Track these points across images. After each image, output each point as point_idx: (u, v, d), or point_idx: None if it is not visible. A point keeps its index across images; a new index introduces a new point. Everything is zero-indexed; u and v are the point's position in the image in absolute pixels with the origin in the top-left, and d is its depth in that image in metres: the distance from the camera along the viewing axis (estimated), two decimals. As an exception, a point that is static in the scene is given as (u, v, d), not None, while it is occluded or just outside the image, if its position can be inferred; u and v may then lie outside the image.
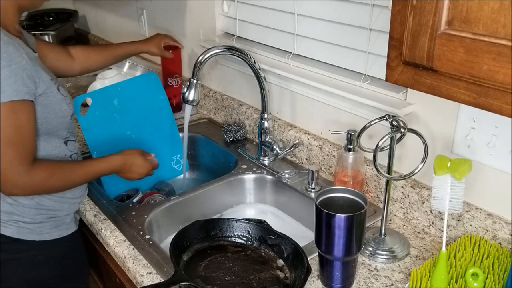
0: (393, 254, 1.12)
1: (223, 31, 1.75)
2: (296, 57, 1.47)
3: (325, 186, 1.36)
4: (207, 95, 1.88)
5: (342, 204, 1.02)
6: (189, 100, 1.38)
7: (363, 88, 1.28)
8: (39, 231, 1.26)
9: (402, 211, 1.25)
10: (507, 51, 0.64)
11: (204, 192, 1.42)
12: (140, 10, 2.18)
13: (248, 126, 1.69)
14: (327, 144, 1.42)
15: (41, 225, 1.26)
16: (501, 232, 1.06)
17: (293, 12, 1.42)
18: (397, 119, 1.06)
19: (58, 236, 1.29)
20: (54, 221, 1.28)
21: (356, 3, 1.24)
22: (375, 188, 1.31)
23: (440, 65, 0.73)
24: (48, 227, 1.27)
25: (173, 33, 1.99)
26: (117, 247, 1.19)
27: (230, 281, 1.06)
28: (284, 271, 1.10)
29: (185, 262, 1.10)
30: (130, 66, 1.98)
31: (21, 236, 1.23)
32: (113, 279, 1.35)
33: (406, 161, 1.24)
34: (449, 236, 1.15)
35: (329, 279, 1.03)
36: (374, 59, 1.25)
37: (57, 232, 1.29)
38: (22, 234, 1.23)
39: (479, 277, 0.91)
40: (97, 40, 2.67)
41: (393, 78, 0.81)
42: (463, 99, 0.73)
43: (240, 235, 1.19)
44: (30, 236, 1.24)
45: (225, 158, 1.63)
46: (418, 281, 0.94)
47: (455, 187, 0.94)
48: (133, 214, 1.31)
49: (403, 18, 0.75)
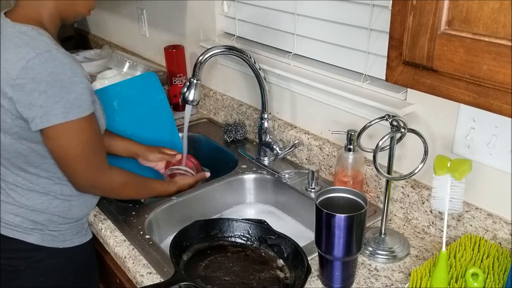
0: (393, 254, 1.12)
1: (223, 31, 1.75)
2: (296, 57, 1.47)
3: (325, 186, 1.36)
4: (207, 95, 1.88)
5: (342, 204, 1.02)
6: (189, 100, 1.38)
7: (363, 88, 1.28)
8: (62, 238, 1.25)
9: (402, 211, 1.25)
10: (507, 51, 0.64)
11: (204, 192, 1.42)
12: (140, 10, 2.18)
13: (248, 126, 1.69)
14: (327, 144, 1.42)
15: (64, 232, 1.26)
16: (501, 232, 1.06)
17: (293, 12, 1.42)
18: (397, 119, 1.06)
19: (79, 242, 1.29)
20: (76, 228, 1.28)
21: (356, 3, 1.24)
22: (375, 188, 1.31)
23: (440, 65, 0.73)
24: (70, 234, 1.27)
25: (173, 33, 1.99)
26: (117, 247, 1.19)
27: (230, 281, 1.06)
28: (284, 271, 1.10)
29: (185, 262, 1.10)
30: (130, 66, 1.98)
31: (44, 244, 1.23)
32: (113, 279, 1.35)
33: (406, 161, 1.24)
34: (449, 236, 1.15)
35: (329, 279, 1.03)
36: (374, 59, 1.25)
37: (78, 238, 1.29)
38: (45, 241, 1.23)
39: (479, 277, 0.91)
40: (97, 40, 2.67)
41: (393, 78, 0.81)
42: (463, 99, 0.73)
43: (240, 235, 1.19)
44: (52, 243, 1.24)
45: (225, 158, 1.63)
46: (418, 281, 0.94)
47: (455, 187, 0.94)
48: (133, 214, 1.31)
49: (403, 18, 0.75)
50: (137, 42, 2.32)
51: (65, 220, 1.25)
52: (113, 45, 2.50)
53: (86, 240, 1.31)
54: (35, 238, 1.22)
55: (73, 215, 1.26)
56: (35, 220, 1.22)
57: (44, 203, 1.21)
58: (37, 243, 1.22)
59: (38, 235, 1.22)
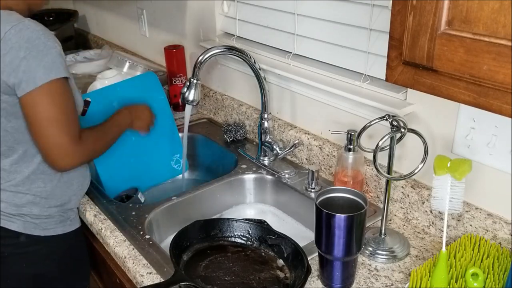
0: (393, 254, 1.12)
1: (223, 31, 1.75)
2: (296, 57, 1.47)
3: (325, 186, 1.36)
4: (207, 95, 1.88)
5: (342, 204, 1.02)
6: (189, 100, 1.38)
7: (363, 88, 1.28)
8: (44, 226, 1.28)
9: (402, 211, 1.25)
10: (507, 51, 0.64)
11: (204, 192, 1.42)
12: (140, 10, 2.18)
13: (248, 126, 1.69)
14: (327, 144, 1.42)
15: (47, 220, 1.28)
16: (501, 232, 1.06)
17: (293, 12, 1.42)
18: (397, 119, 1.06)
19: (62, 232, 1.31)
20: (60, 216, 1.30)
21: (356, 3, 1.24)
22: (375, 188, 1.31)
23: (440, 65, 0.73)
24: (53, 222, 1.29)
25: (173, 33, 1.99)
26: (117, 247, 1.19)
27: (230, 281, 1.06)
28: (284, 271, 1.10)
29: (185, 262, 1.10)
30: (130, 66, 1.98)
31: (26, 231, 1.26)
32: (113, 279, 1.35)
33: (406, 161, 1.24)
34: (449, 236, 1.15)
35: (329, 279, 1.03)
36: (374, 59, 1.25)
37: (61, 228, 1.31)
38: (27, 229, 1.26)
39: (479, 277, 0.91)
40: (97, 40, 2.67)
41: (393, 78, 0.81)
42: (463, 99, 0.73)
43: (240, 235, 1.19)
44: (34, 231, 1.27)
45: (225, 158, 1.63)
46: (418, 281, 0.94)
47: (455, 187, 0.94)
48: (133, 214, 1.31)
49: (403, 18, 0.75)
50: (137, 42, 2.32)
51: (48, 202, 1.27)
52: (113, 45, 2.50)
53: (70, 229, 1.33)
54: (17, 225, 1.25)
55: (55, 196, 1.27)
56: (19, 204, 1.24)
57: (25, 184, 1.24)
58: (19, 230, 1.25)
59: (20, 222, 1.25)
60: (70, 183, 1.31)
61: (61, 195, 1.29)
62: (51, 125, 1.15)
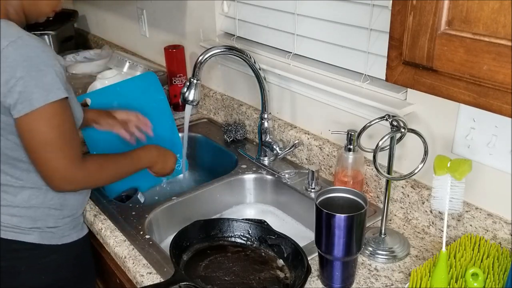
0: (393, 254, 1.12)
1: (223, 31, 1.75)
2: (296, 57, 1.47)
3: (325, 186, 1.36)
4: (207, 95, 1.88)
5: (342, 204, 1.02)
6: (189, 100, 1.38)
7: (363, 88, 1.28)
8: (61, 234, 1.26)
9: (402, 211, 1.25)
10: (507, 51, 0.64)
11: (204, 192, 1.42)
12: (140, 10, 2.18)
13: (248, 126, 1.69)
14: (327, 144, 1.42)
15: (63, 228, 1.26)
16: (501, 232, 1.06)
17: (293, 12, 1.42)
18: (397, 119, 1.06)
19: (77, 237, 1.29)
20: (72, 222, 1.29)
21: (356, 3, 1.24)
22: (375, 188, 1.31)
23: (440, 65, 0.73)
24: (68, 229, 1.27)
25: (173, 33, 1.99)
26: (117, 247, 1.19)
27: (230, 281, 1.06)
28: (284, 271, 1.10)
29: (185, 262, 1.10)
30: (130, 66, 1.98)
31: (43, 242, 1.23)
32: (113, 279, 1.35)
33: (406, 161, 1.24)
34: (449, 236, 1.15)
35: (329, 279, 1.03)
36: (374, 59, 1.25)
37: (75, 233, 1.29)
38: (45, 239, 1.23)
39: (479, 277, 0.91)
40: (97, 40, 2.67)
41: (393, 78, 0.81)
42: (463, 99, 0.73)
43: (240, 235, 1.19)
44: (51, 240, 1.24)
45: (225, 158, 1.63)
46: (418, 281, 0.94)
47: (455, 187, 0.94)
48: (133, 214, 1.31)
49: (403, 18, 0.75)
50: (137, 42, 2.32)
51: (62, 213, 1.25)
52: (113, 45, 2.50)
53: (83, 234, 1.32)
54: (34, 237, 1.22)
55: (69, 206, 1.26)
56: (33, 217, 1.21)
57: (39, 198, 1.21)
58: (36, 242, 1.22)
59: (37, 234, 1.22)
60: (80, 192, 1.29)
61: (74, 203, 1.27)
62: (48, 149, 1.10)
